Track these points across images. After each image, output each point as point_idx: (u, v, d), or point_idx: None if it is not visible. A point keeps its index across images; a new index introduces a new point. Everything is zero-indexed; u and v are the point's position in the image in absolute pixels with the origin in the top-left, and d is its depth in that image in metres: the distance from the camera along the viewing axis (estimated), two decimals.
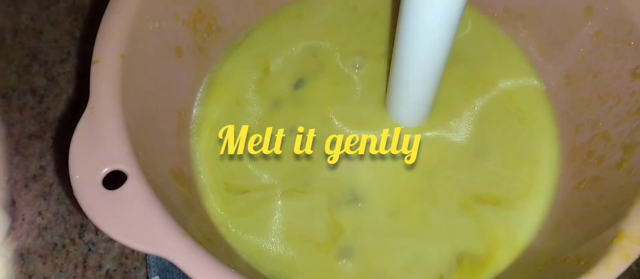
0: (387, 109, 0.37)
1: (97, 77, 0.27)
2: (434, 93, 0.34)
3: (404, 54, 0.31)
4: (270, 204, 0.35)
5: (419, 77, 0.32)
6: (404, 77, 0.33)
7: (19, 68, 0.46)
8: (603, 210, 0.28)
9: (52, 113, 0.44)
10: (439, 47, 0.29)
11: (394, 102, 0.36)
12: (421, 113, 0.36)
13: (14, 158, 0.42)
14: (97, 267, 0.38)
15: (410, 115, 0.36)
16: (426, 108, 0.36)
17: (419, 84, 0.33)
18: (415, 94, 0.34)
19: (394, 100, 0.36)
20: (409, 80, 0.33)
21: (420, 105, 0.35)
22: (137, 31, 0.30)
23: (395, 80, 0.34)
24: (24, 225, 0.40)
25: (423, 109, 0.36)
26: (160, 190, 0.26)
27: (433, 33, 0.28)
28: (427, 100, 0.34)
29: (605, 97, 0.32)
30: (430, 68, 0.31)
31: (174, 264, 0.23)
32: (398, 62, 0.32)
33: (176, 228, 0.24)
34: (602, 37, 0.32)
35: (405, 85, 0.33)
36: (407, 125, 0.37)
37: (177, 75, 0.35)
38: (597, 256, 0.24)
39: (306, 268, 0.33)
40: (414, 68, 0.31)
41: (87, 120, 0.26)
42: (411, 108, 0.36)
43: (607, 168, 0.30)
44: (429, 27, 0.28)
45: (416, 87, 0.33)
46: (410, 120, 0.37)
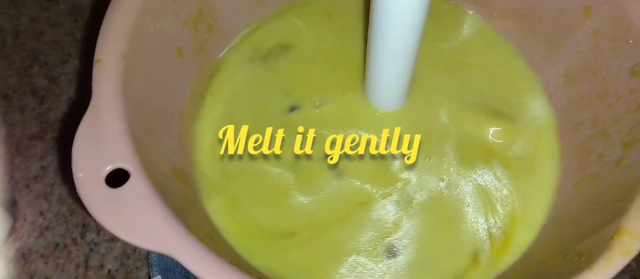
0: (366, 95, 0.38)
1: (99, 77, 0.27)
2: (410, 74, 0.34)
3: (376, 32, 0.31)
4: (272, 203, 0.35)
5: (392, 54, 0.32)
6: (378, 55, 0.33)
7: (19, 69, 0.46)
8: (603, 207, 0.28)
9: (53, 114, 0.44)
10: (411, 22, 0.29)
11: (371, 86, 0.37)
12: (398, 95, 0.37)
13: (15, 158, 0.42)
14: (98, 267, 0.38)
15: (388, 99, 0.37)
16: (402, 89, 0.36)
17: (392, 62, 0.33)
18: (389, 73, 0.34)
19: (370, 84, 0.36)
20: (383, 58, 0.33)
21: (396, 86, 0.36)
22: (139, 31, 0.30)
23: (371, 61, 0.34)
24: (26, 225, 0.40)
25: (399, 91, 0.36)
26: (163, 188, 0.27)
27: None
28: (402, 79, 0.35)
29: (604, 96, 0.33)
30: (404, 43, 0.31)
31: (178, 261, 0.23)
32: (372, 41, 0.32)
33: (179, 225, 0.24)
34: (601, 35, 0.33)
35: (379, 64, 0.34)
36: (386, 109, 0.38)
37: (178, 75, 0.35)
38: (598, 252, 0.24)
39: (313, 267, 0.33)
40: (387, 44, 0.32)
41: (89, 119, 0.26)
42: (388, 90, 0.36)
43: (607, 166, 0.31)
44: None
45: (390, 65, 0.34)
46: (388, 104, 0.37)
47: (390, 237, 0.34)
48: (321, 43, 0.41)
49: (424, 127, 0.37)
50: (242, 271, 0.23)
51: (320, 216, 0.34)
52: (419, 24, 0.30)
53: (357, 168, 0.36)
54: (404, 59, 0.33)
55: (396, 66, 0.33)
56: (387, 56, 0.33)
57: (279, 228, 0.34)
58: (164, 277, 0.37)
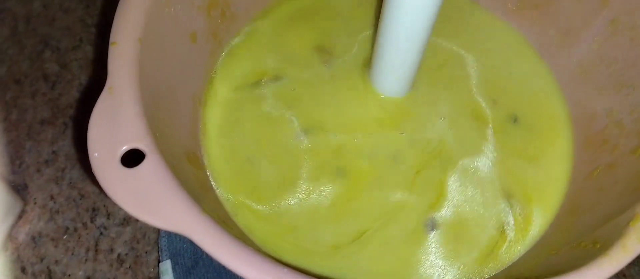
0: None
1: (115, 58, 0.27)
2: (418, 61, 0.34)
3: (389, 21, 0.31)
4: (284, 191, 0.35)
5: (405, 36, 0.32)
6: (388, 43, 0.33)
7: (31, 54, 0.46)
8: (618, 195, 0.28)
9: (64, 99, 0.44)
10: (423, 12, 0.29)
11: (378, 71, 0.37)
12: (406, 80, 0.37)
13: (26, 143, 0.42)
14: (108, 251, 0.38)
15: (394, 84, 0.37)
16: (411, 73, 0.36)
17: (401, 49, 0.33)
18: (398, 59, 0.34)
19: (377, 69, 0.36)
20: (393, 46, 0.33)
21: (403, 73, 0.36)
22: (154, 15, 0.30)
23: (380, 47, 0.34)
24: (36, 208, 0.40)
25: (409, 75, 0.36)
26: (177, 170, 0.27)
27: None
28: (413, 61, 0.35)
29: (619, 86, 0.32)
30: (417, 26, 0.31)
31: (192, 241, 0.23)
32: (383, 29, 0.32)
33: (194, 205, 0.24)
34: (618, 25, 0.33)
35: (389, 52, 0.34)
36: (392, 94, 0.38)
37: (192, 61, 0.35)
38: (613, 239, 0.24)
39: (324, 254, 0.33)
40: (398, 33, 0.32)
41: (105, 99, 0.26)
42: (395, 76, 0.36)
43: (622, 155, 0.30)
44: None
45: (399, 52, 0.34)
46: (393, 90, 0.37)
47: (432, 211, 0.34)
48: (334, 28, 0.41)
49: (429, 115, 0.37)
50: (257, 252, 0.23)
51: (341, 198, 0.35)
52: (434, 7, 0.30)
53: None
54: (417, 41, 0.33)
55: (408, 47, 0.33)
56: (399, 37, 0.33)
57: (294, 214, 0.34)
58: (173, 261, 0.37)
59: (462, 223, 0.34)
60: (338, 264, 0.33)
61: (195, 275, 0.36)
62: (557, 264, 0.26)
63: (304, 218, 0.34)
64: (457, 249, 0.33)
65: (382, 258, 0.33)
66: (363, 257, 0.33)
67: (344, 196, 0.35)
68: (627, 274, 0.37)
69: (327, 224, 0.34)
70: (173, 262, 0.37)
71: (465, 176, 0.35)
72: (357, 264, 0.33)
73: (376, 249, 0.33)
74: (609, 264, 0.23)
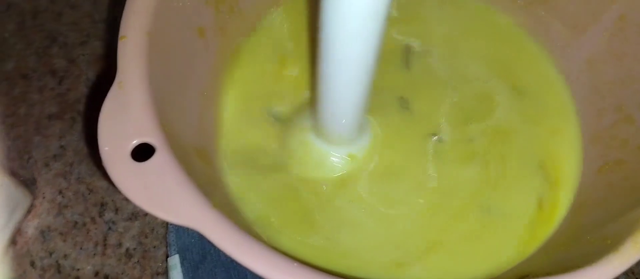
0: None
1: (124, 52, 0.27)
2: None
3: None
4: (293, 189, 0.35)
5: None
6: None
7: (38, 49, 0.46)
8: (628, 191, 0.28)
9: (72, 95, 0.44)
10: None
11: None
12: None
13: (35, 138, 0.42)
14: (117, 245, 0.38)
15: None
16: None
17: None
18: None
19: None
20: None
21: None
22: (162, 9, 0.30)
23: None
24: (45, 203, 0.40)
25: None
26: (186, 165, 0.27)
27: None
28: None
29: (629, 81, 0.32)
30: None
31: (202, 235, 0.23)
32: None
33: (204, 199, 0.24)
34: (627, 20, 0.32)
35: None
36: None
37: (200, 56, 0.35)
38: (624, 235, 0.24)
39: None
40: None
41: (114, 94, 0.26)
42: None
43: (631, 151, 0.30)
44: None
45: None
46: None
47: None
48: None
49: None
50: (265, 245, 0.23)
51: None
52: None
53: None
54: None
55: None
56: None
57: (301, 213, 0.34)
58: (181, 256, 0.37)
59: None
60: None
61: (203, 270, 0.37)
62: (566, 260, 0.26)
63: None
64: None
65: None
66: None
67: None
68: (636, 272, 0.37)
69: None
70: (181, 257, 0.37)
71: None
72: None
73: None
74: (619, 261, 0.23)
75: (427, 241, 0.33)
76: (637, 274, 0.37)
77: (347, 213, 0.34)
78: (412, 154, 0.36)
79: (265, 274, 0.22)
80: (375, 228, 0.33)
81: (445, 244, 0.33)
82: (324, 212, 0.34)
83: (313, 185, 0.35)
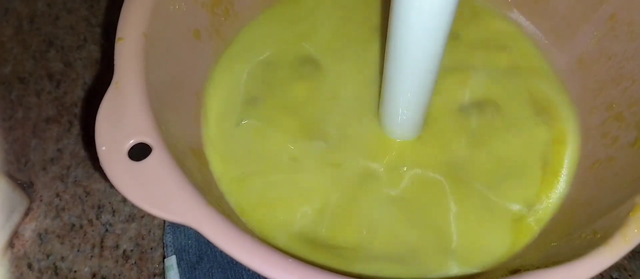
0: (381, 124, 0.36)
1: (121, 53, 0.28)
2: (427, 104, 0.33)
3: (393, 62, 0.30)
4: (285, 188, 0.35)
5: (408, 87, 0.31)
6: (395, 87, 0.31)
7: (35, 53, 0.47)
8: (618, 187, 0.29)
9: (68, 98, 0.45)
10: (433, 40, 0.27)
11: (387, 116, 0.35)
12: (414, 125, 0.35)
13: (32, 141, 0.43)
14: (114, 247, 0.39)
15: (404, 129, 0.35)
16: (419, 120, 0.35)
17: (408, 94, 0.32)
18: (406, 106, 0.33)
19: (386, 114, 0.35)
20: (399, 90, 0.31)
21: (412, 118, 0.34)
22: (159, 11, 0.31)
23: (387, 91, 0.32)
24: (42, 206, 0.40)
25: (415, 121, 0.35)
26: (182, 164, 0.27)
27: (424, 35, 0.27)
28: (423, 104, 0.33)
29: (619, 79, 0.33)
30: (421, 75, 0.30)
31: (199, 232, 0.23)
32: (389, 70, 0.31)
33: (200, 197, 0.24)
34: (617, 20, 0.33)
35: (396, 96, 0.32)
36: (402, 138, 0.36)
37: (196, 57, 0.35)
38: (614, 229, 0.24)
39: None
40: (403, 77, 0.30)
41: (112, 94, 0.27)
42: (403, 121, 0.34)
43: (622, 148, 0.31)
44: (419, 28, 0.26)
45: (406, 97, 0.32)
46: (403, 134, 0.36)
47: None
48: (338, 33, 0.41)
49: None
50: (263, 243, 0.23)
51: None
52: (441, 44, 0.28)
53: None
54: (425, 83, 0.31)
55: (416, 91, 0.31)
56: (407, 80, 0.31)
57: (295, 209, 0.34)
58: (178, 257, 0.37)
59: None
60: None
61: (200, 270, 0.37)
62: (558, 254, 0.26)
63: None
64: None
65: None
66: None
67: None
68: (628, 268, 0.37)
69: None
70: (178, 257, 0.37)
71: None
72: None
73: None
74: (609, 253, 0.23)
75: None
76: (629, 271, 0.37)
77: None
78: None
79: (260, 270, 0.22)
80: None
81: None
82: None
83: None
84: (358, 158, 0.35)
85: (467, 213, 0.33)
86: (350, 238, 0.33)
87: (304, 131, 0.37)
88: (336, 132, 0.37)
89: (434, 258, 0.32)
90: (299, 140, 0.36)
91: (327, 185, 0.35)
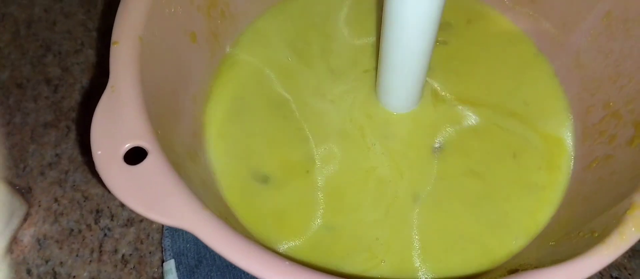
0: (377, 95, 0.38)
1: (116, 57, 0.28)
2: (423, 76, 0.34)
3: (390, 36, 0.31)
4: (285, 190, 0.35)
5: (405, 59, 0.32)
6: (392, 59, 0.33)
7: (33, 59, 0.47)
8: (616, 185, 0.28)
9: (66, 103, 0.44)
10: (425, 23, 0.29)
11: (383, 88, 0.36)
12: (411, 97, 0.37)
13: (30, 146, 0.43)
14: (112, 252, 0.39)
15: (401, 100, 0.37)
16: (416, 91, 0.36)
17: (406, 66, 0.33)
18: (403, 77, 0.34)
19: (383, 86, 0.36)
20: (397, 62, 0.33)
21: (410, 89, 0.36)
22: (154, 15, 0.31)
23: (384, 63, 0.34)
24: (41, 211, 0.40)
25: (413, 93, 0.36)
26: (178, 168, 0.27)
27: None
28: (416, 83, 0.35)
29: (616, 77, 0.33)
30: (417, 48, 0.31)
31: (195, 235, 0.23)
32: (385, 44, 0.32)
33: (196, 201, 0.24)
34: (613, 18, 0.33)
35: (393, 68, 0.34)
36: (399, 111, 0.38)
37: (192, 60, 0.35)
38: (611, 227, 0.24)
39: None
40: (401, 50, 0.32)
41: (107, 98, 0.27)
42: (401, 92, 0.36)
43: (619, 146, 0.31)
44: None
45: (404, 69, 0.34)
46: (401, 106, 0.37)
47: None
48: (335, 34, 0.41)
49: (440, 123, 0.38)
50: (259, 246, 0.23)
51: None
52: (434, 21, 0.30)
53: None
54: (420, 57, 0.32)
55: (412, 65, 0.33)
56: (403, 55, 0.32)
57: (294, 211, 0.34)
58: (177, 261, 0.37)
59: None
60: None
61: (199, 274, 0.37)
62: (556, 254, 0.26)
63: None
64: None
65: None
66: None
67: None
68: (628, 267, 0.37)
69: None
70: (177, 261, 0.37)
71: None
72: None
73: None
74: (606, 252, 0.23)
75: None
76: (629, 270, 0.37)
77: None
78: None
79: (257, 273, 0.22)
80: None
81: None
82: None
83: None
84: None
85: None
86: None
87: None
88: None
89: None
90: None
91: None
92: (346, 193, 0.35)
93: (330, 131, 0.37)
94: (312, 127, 0.37)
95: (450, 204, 0.34)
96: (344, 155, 0.36)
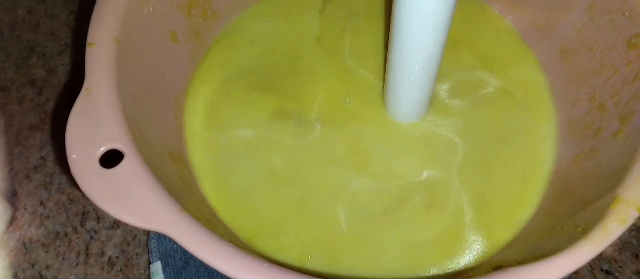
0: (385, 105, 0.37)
1: (92, 59, 0.27)
2: (431, 86, 0.33)
3: (398, 48, 0.30)
4: (265, 188, 0.35)
5: (414, 72, 0.32)
6: (400, 72, 0.32)
7: (17, 61, 0.46)
8: (601, 179, 0.28)
9: (51, 105, 0.44)
10: (435, 36, 0.29)
11: (391, 98, 0.35)
12: (419, 108, 0.36)
13: (15, 149, 0.42)
14: (99, 254, 0.38)
15: (408, 110, 0.36)
16: (425, 102, 0.35)
17: (415, 79, 0.32)
18: (412, 89, 0.33)
19: (391, 96, 0.35)
20: (405, 75, 0.32)
21: (418, 99, 0.34)
22: (131, 15, 0.30)
23: (392, 75, 0.33)
24: (26, 214, 0.40)
25: (421, 104, 0.35)
26: (158, 169, 0.27)
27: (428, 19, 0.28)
28: (425, 94, 0.34)
29: (601, 69, 0.32)
30: (427, 60, 0.31)
31: (172, 239, 0.23)
32: (393, 57, 0.31)
33: (173, 203, 0.24)
34: (596, 9, 0.32)
35: (401, 80, 0.33)
36: (405, 120, 0.37)
37: (173, 60, 0.35)
38: (594, 221, 0.24)
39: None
40: (409, 63, 0.31)
41: (82, 100, 0.26)
42: (409, 103, 0.35)
43: (604, 139, 0.30)
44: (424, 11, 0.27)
45: (412, 82, 0.33)
46: (407, 116, 0.36)
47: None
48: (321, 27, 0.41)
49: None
50: (237, 247, 0.23)
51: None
52: (445, 29, 0.29)
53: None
54: (429, 67, 0.31)
55: (420, 75, 0.32)
56: (411, 64, 0.31)
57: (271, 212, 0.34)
58: (164, 262, 0.37)
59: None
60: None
61: (186, 275, 0.36)
62: (540, 249, 0.26)
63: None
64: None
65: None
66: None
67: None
68: (619, 260, 0.37)
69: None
70: (163, 263, 0.37)
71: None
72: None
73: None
74: (589, 247, 0.23)
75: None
76: (619, 262, 0.37)
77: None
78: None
79: (233, 274, 0.22)
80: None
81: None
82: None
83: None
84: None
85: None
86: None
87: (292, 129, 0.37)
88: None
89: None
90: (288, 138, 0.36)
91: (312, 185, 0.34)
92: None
93: (315, 118, 0.37)
94: (306, 118, 0.37)
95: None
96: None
